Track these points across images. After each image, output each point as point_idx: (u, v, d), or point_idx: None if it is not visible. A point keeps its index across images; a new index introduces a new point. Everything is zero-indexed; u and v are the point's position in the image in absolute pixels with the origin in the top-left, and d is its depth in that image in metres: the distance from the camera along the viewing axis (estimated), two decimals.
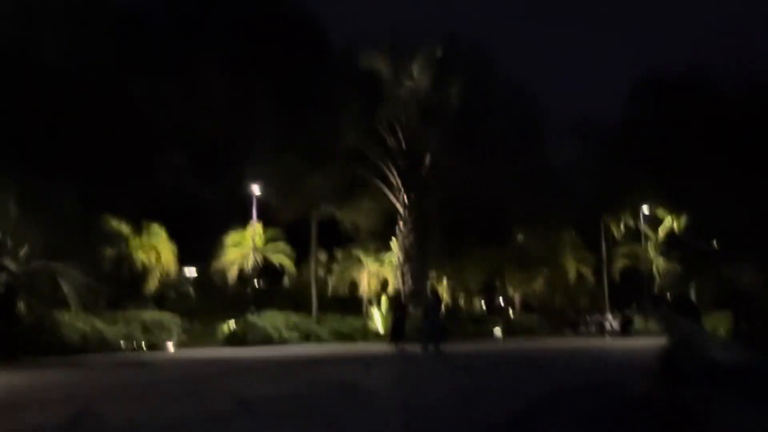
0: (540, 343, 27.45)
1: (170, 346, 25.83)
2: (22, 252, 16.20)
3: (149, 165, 25.08)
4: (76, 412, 7.05)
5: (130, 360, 17.81)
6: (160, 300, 32.34)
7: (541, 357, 18.73)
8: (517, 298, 42.98)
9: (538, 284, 41.06)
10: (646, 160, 35.38)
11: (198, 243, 28.60)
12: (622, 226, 38.97)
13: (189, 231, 27.97)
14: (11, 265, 15.59)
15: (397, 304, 22.54)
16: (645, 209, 37.61)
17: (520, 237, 39.33)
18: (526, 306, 43.39)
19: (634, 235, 39.99)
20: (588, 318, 37.13)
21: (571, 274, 39.71)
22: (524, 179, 30.25)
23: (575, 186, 33.95)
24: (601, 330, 34.21)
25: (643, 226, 38.19)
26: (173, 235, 26.33)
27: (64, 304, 23.34)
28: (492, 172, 28.01)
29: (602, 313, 36.77)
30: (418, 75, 25.37)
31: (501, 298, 43.85)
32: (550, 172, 32.04)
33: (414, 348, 20.09)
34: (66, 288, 15.76)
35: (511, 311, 43.67)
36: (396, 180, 26.49)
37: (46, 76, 22.60)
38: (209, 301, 30.67)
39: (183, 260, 26.49)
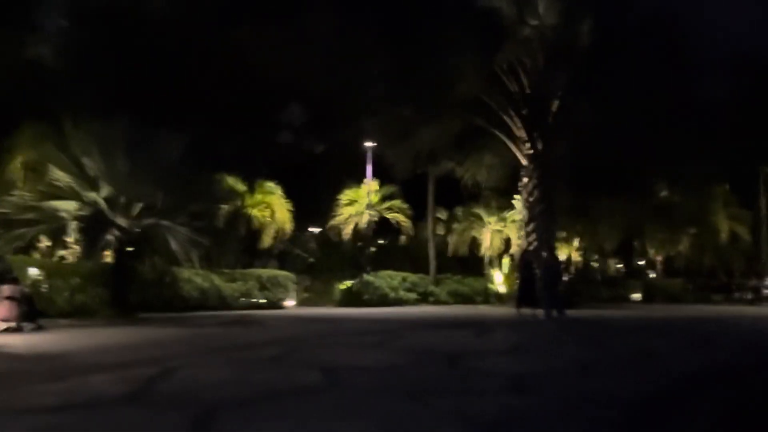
0: (685, 310, 24.96)
1: (289, 302, 26.37)
2: (135, 209, 16.54)
3: (264, 121, 25.14)
4: (151, 376, 6.64)
5: (244, 317, 17.99)
6: (282, 257, 33.18)
7: (685, 326, 16.70)
8: (659, 259, 39.63)
9: (684, 245, 37.47)
10: None
11: (315, 200, 28.63)
12: None
13: (305, 188, 28.04)
14: (123, 222, 16.00)
15: (522, 265, 21.06)
16: None
17: (662, 192, 35.88)
18: (670, 269, 39.93)
19: None
20: (743, 283, 33.35)
21: (723, 234, 35.76)
22: (667, 125, 27.09)
23: (729, 132, 30.03)
24: (759, 297, 30.59)
25: None
26: (289, 192, 26.42)
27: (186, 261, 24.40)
28: (629, 117, 25.25)
29: (760, 277, 32.84)
30: (543, 11, 23.09)
31: (641, 260, 40.68)
32: (698, 116, 28.46)
33: (538, 313, 18.80)
34: (174, 245, 15.94)
35: (652, 274, 40.49)
36: (519, 130, 24.63)
37: (154, 26, 23.09)
38: (328, 259, 30.87)
39: (300, 218, 26.57)
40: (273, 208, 24.22)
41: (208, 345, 10.66)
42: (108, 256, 18.42)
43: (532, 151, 24.62)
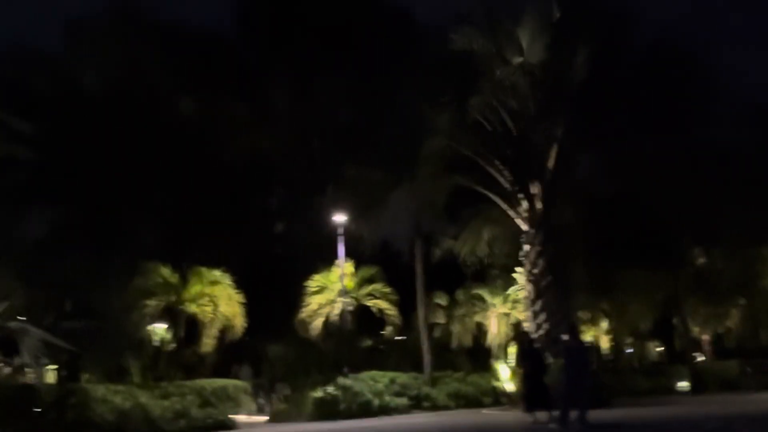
0: (750, 401, 19.80)
1: (256, 418, 21.85)
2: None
3: (206, 203, 21.59)
4: None
5: None
6: (257, 362, 28.80)
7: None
8: (705, 339, 34.31)
9: (733, 319, 32.36)
10: None
11: (282, 290, 24.59)
12: None
13: (269, 277, 24.12)
14: None
15: (527, 354, 16.58)
16: None
17: (700, 258, 31.33)
18: (721, 349, 34.48)
19: None
20: None
21: None
22: (695, 174, 23.20)
23: None
24: None
25: None
26: (249, 283, 22.40)
27: (120, 375, 20.24)
28: (646, 166, 21.37)
29: None
30: (528, 46, 19.79)
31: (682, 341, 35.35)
32: (731, 164, 24.58)
33: (551, 417, 14.19)
34: (25, 351, 11.94)
35: (700, 357, 35.03)
36: (512, 187, 20.68)
37: (80, 108, 20.23)
38: (305, 361, 26.42)
39: (258, 312, 22.36)
40: (216, 301, 20.15)
41: None
42: None
43: (530, 212, 20.53)
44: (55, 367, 21.76)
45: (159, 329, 22.38)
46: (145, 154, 21.00)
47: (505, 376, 21.80)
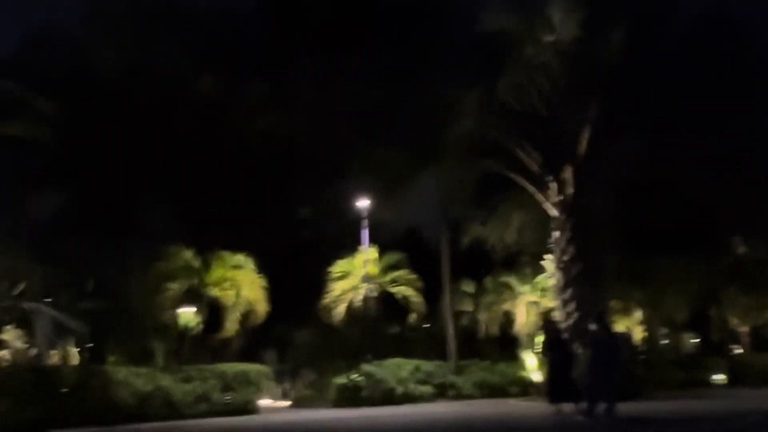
0: None
1: (279, 403, 21.77)
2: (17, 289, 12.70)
3: (240, 187, 21.47)
4: None
5: None
6: (282, 346, 28.77)
7: None
8: (743, 331, 33.25)
9: None
10: None
11: (307, 276, 24.40)
12: None
13: (294, 263, 23.97)
14: None
15: (554, 344, 16.06)
16: None
17: (740, 247, 30.30)
18: (759, 342, 33.41)
19: None
20: None
21: None
22: (736, 161, 22.28)
23: None
24: None
25: None
26: (271, 269, 22.27)
27: (145, 358, 20.31)
28: (685, 150, 20.52)
29: None
30: (560, 23, 19.10)
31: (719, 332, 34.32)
32: None
33: (577, 409, 13.77)
34: (38, 332, 11.91)
35: (737, 349, 34.02)
36: (542, 171, 20.10)
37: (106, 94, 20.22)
38: (329, 347, 26.30)
39: (282, 297, 22.22)
40: (239, 285, 20.05)
41: None
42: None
43: (561, 197, 19.91)
44: (78, 348, 22.01)
45: (186, 313, 22.48)
46: (166, 136, 20.97)
47: (533, 365, 21.37)
